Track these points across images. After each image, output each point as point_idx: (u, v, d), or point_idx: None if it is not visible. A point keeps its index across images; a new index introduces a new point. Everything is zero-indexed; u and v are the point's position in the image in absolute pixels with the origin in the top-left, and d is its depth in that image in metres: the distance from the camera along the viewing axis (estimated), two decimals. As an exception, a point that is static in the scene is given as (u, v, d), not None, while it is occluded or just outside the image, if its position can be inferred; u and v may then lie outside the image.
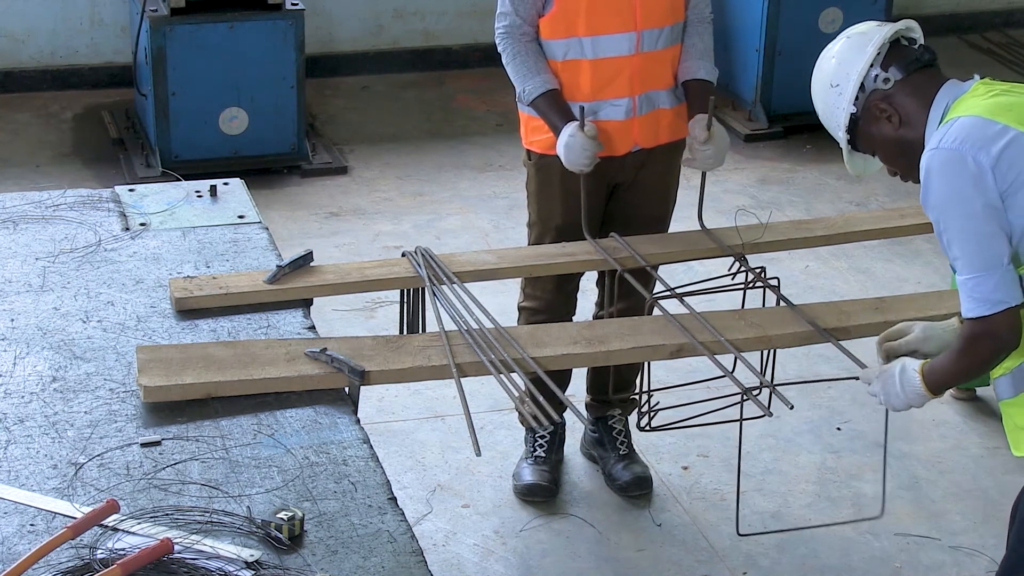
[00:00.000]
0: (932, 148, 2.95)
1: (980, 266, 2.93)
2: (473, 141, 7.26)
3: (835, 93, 3.14)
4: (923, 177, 2.97)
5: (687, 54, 4.17)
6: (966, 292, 2.96)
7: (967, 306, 2.97)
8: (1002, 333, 2.95)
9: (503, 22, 4.13)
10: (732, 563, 4.28)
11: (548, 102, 4.08)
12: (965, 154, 2.91)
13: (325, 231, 6.27)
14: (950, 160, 2.92)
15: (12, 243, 3.83)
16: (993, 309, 2.93)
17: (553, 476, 4.55)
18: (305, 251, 3.72)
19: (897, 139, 3.09)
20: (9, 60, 7.56)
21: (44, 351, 3.32)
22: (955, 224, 2.94)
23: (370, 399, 4.79)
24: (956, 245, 2.95)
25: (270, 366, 3.20)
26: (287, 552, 2.62)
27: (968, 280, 2.95)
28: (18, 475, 2.85)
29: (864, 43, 3.13)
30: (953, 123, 2.96)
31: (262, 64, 6.60)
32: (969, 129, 2.94)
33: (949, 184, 2.93)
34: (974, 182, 2.90)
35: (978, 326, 2.97)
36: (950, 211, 2.94)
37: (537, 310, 4.38)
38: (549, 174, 4.22)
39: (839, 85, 3.13)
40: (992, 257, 2.92)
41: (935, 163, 2.94)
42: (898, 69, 3.09)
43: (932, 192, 2.95)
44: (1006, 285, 2.93)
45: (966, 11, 8.81)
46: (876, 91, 3.09)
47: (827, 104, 3.18)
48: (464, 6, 8.09)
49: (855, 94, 3.10)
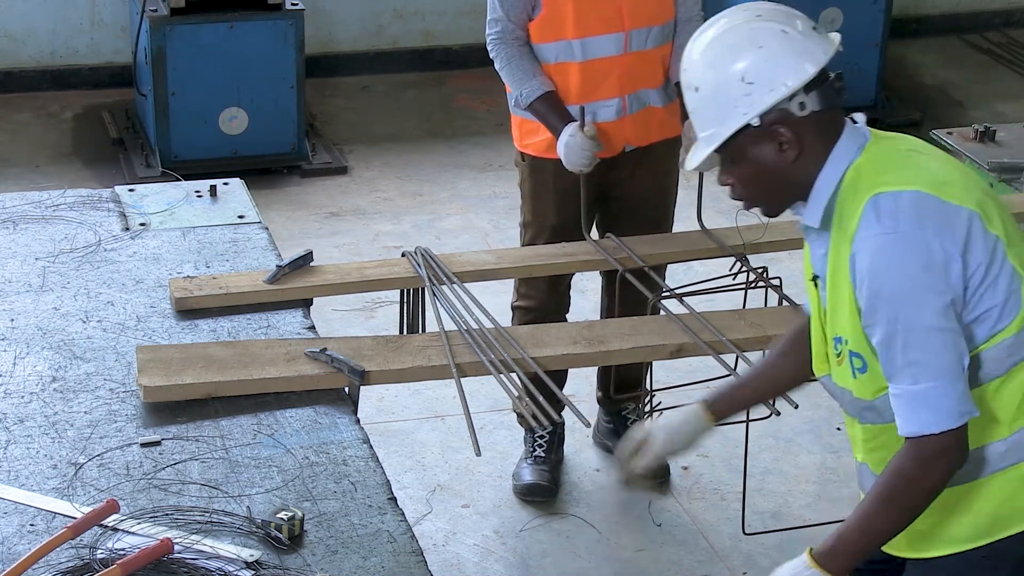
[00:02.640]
0: (882, 232, 2.44)
1: (945, 371, 2.43)
2: (473, 141, 7.26)
3: (741, 88, 2.49)
4: (866, 264, 2.45)
5: (677, 54, 4.17)
6: (924, 404, 2.44)
7: (922, 420, 2.44)
8: (960, 449, 2.47)
9: (495, 28, 4.14)
10: (732, 563, 4.28)
11: (546, 104, 4.09)
12: (929, 240, 2.43)
13: (325, 231, 6.27)
14: (911, 247, 2.43)
15: (12, 243, 3.83)
16: (959, 421, 2.44)
17: (553, 476, 4.55)
18: (305, 251, 3.72)
19: (780, 172, 2.54)
20: (9, 60, 7.56)
21: (44, 351, 3.32)
22: (914, 324, 2.43)
23: (370, 399, 4.79)
24: (914, 349, 2.43)
25: (270, 366, 3.20)
26: (287, 552, 2.62)
27: (930, 389, 2.43)
28: (18, 475, 2.85)
29: (806, 52, 2.50)
30: (896, 200, 2.45)
31: (262, 64, 6.60)
32: (925, 209, 2.45)
33: (909, 277, 2.43)
34: (941, 273, 2.43)
35: (933, 444, 2.45)
36: (908, 309, 2.43)
37: (530, 309, 4.39)
38: (543, 175, 4.24)
39: (753, 84, 2.49)
40: (957, 360, 2.44)
41: (890, 250, 2.43)
42: (819, 98, 2.52)
43: (882, 286, 2.44)
44: (967, 393, 2.46)
45: (966, 11, 8.80)
46: (787, 113, 2.50)
47: (721, 94, 2.52)
48: (464, 6, 8.09)
49: (769, 108, 2.50)
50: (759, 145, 2.52)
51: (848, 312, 2.52)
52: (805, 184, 2.55)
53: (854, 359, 2.54)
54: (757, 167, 2.54)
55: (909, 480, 2.48)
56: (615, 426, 4.67)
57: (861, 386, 2.58)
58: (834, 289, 2.55)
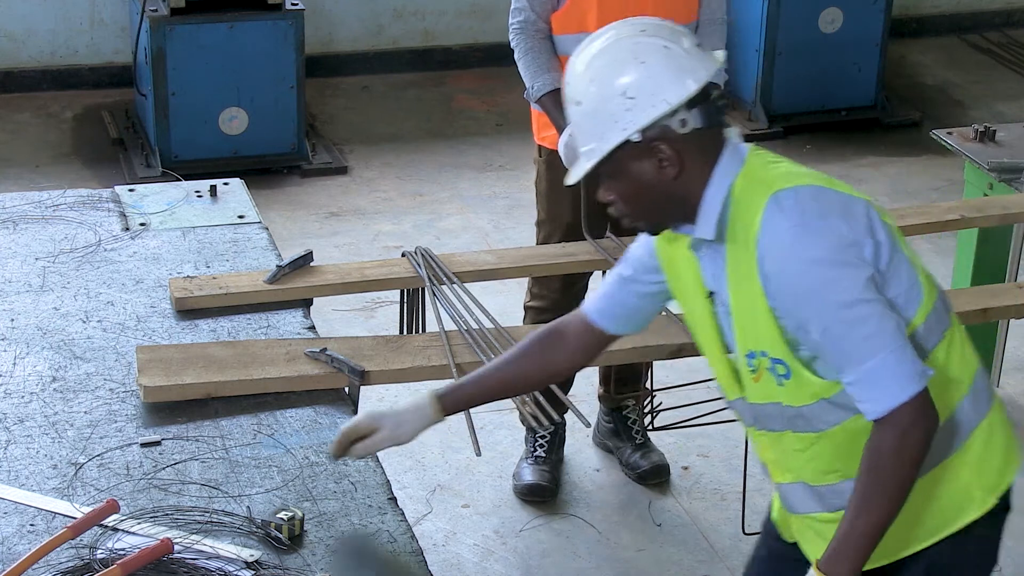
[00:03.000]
0: (790, 225, 2.42)
1: (892, 337, 2.42)
2: (473, 141, 7.26)
3: (622, 105, 2.47)
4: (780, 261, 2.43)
5: None
6: (885, 375, 2.42)
7: (888, 392, 2.42)
8: (931, 408, 2.45)
9: (518, 17, 4.14)
10: (732, 563, 4.28)
11: (553, 100, 4.09)
12: (838, 225, 2.44)
13: (325, 231, 6.27)
14: (823, 234, 2.42)
15: (12, 243, 3.83)
16: (923, 382, 2.43)
17: (553, 476, 4.55)
18: (305, 251, 3.72)
19: (661, 189, 2.51)
20: (9, 60, 7.56)
21: (44, 351, 3.31)
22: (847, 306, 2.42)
23: (370, 399, 4.78)
24: (856, 329, 2.42)
25: (270, 366, 3.20)
26: (287, 552, 2.62)
27: (886, 359, 2.41)
28: (18, 475, 2.85)
29: (688, 69, 2.47)
30: (796, 194, 2.46)
31: (262, 64, 6.60)
32: (825, 199, 2.47)
33: (829, 264, 2.42)
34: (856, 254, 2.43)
35: (906, 413, 2.42)
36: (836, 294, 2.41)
37: (544, 309, 4.38)
38: (558, 171, 4.22)
39: (634, 99, 2.46)
40: (897, 325, 2.43)
41: (803, 241, 2.42)
42: (701, 116, 2.48)
43: (803, 279, 2.42)
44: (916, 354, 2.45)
45: (966, 11, 8.81)
46: (668, 130, 2.47)
47: (603, 108, 2.50)
48: (464, 6, 8.09)
49: (651, 122, 2.46)
50: (640, 161, 2.49)
51: (764, 320, 2.49)
52: (687, 201, 2.53)
53: (777, 366, 2.52)
54: (638, 183, 2.52)
55: (893, 456, 2.44)
56: (615, 426, 4.68)
57: (790, 393, 2.54)
58: (741, 299, 2.52)
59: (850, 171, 7.01)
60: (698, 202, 2.52)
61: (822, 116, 7.44)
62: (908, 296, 2.50)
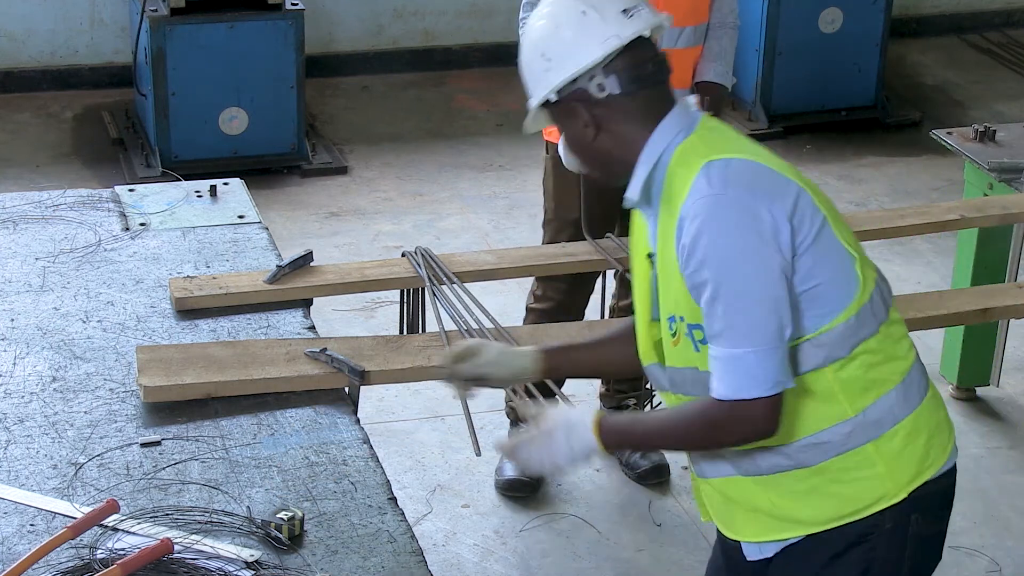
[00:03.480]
0: (711, 193, 2.43)
1: (766, 339, 2.42)
2: (473, 141, 7.26)
3: (542, 65, 2.56)
4: (694, 226, 2.43)
5: (704, 56, 4.18)
6: (739, 368, 2.43)
7: (735, 383, 2.44)
8: (768, 419, 2.47)
9: (527, 12, 4.14)
10: (732, 563, 4.28)
11: None
12: (758, 205, 2.42)
13: (325, 231, 6.27)
14: (740, 209, 2.42)
15: (12, 243, 3.83)
16: (770, 391, 2.44)
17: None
18: (305, 251, 3.72)
19: (584, 147, 2.59)
20: (9, 60, 7.56)
21: (44, 351, 3.31)
22: (739, 287, 2.42)
23: (370, 399, 4.79)
24: (737, 312, 2.42)
25: (270, 366, 3.20)
26: (287, 552, 2.62)
27: (746, 354, 2.42)
28: (18, 475, 2.85)
29: (599, 36, 2.51)
30: (726, 165, 2.46)
31: (262, 64, 6.60)
32: (755, 176, 2.47)
33: (738, 239, 2.41)
34: (770, 238, 2.42)
35: (742, 409, 2.45)
36: (734, 271, 2.41)
37: (548, 311, 4.36)
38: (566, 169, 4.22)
39: (551, 61, 2.54)
40: (780, 329, 2.43)
41: (718, 211, 2.43)
42: (619, 81, 2.52)
43: (710, 246, 2.42)
44: (785, 364, 2.45)
45: (966, 11, 8.81)
46: (585, 92, 2.53)
47: (530, 67, 2.61)
48: (464, 6, 8.09)
49: (562, 85, 2.53)
50: (567, 119, 2.57)
51: (678, 285, 2.50)
52: (619, 162, 2.57)
53: (695, 331, 2.52)
54: (570, 139, 2.60)
55: (710, 429, 2.51)
56: (615, 426, 4.67)
57: (704, 359, 2.53)
58: (664, 264, 2.54)
59: (850, 171, 7.01)
60: (633, 165, 2.55)
61: (822, 116, 7.44)
62: (834, 287, 2.50)
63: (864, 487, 2.58)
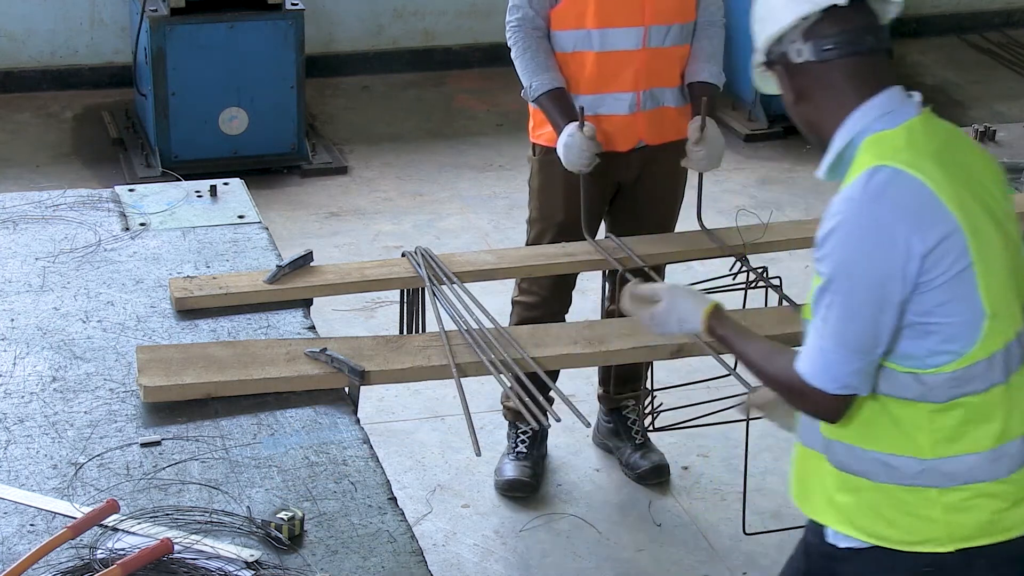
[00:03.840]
0: (859, 200, 2.45)
1: (852, 346, 2.47)
2: (473, 141, 7.26)
3: (757, 26, 2.61)
4: (831, 224, 2.47)
5: (694, 56, 4.18)
6: (821, 360, 2.50)
7: (813, 371, 2.51)
8: (831, 411, 2.53)
9: (516, 15, 4.13)
10: (732, 563, 4.28)
11: (552, 100, 4.08)
12: (897, 229, 2.42)
13: (325, 231, 6.27)
14: (878, 228, 2.43)
15: (12, 243, 3.83)
16: (838, 391, 2.50)
17: (534, 471, 4.55)
18: (305, 251, 3.72)
19: (792, 111, 2.63)
20: (9, 60, 7.56)
21: (44, 351, 3.31)
22: (847, 295, 2.46)
23: (370, 399, 4.78)
24: (837, 315, 2.47)
25: (270, 366, 3.20)
26: (287, 552, 2.62)
27: (831, 352, 2.49)
28: (18, 475, 2.85)
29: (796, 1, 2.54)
30: (892, 177, 2.45)
31: (262, 64, 6.60)
32: (913, 199, 2.44)
33: (864, 254, 2.44)
34: (896, 265, 2.42)
35: (811, 391, 2.52)
36: (849, 280, 2.45)
37: (532, 305, 4.39)
38: (552, 170, 4.23)
39: (761, 22, 2.60)
40: (871, 345, 2.47)
41: (858, 220, 2.45)
42: (814, 49, 2.52)
43: (836, 247, 2.46)
44: (864, 374, 2.50)
45: (966, 11, 8.81)
46: (786, 56, 2.55)
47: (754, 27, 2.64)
48: (464, 6, 8.09)
49: (767, 46, 2.59)
50: (779, 80, 2.61)
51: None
52: (819, 130, 2.59)
53: None
54: (783, 99, 2.63)
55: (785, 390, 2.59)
56: (615, 426, 4.68)
57: None
58: None
59: (850, 171, 7.01)
60: (829, 136, 2.57)
61: (822, 116, 7.43)
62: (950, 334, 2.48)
63: (916, 524, 2.57)
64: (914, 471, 2.54)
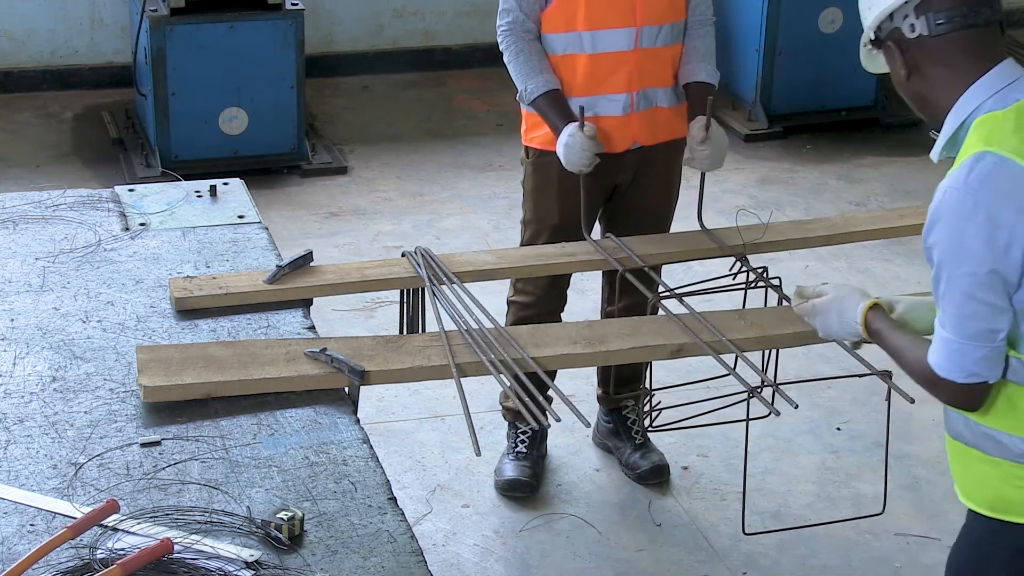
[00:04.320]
0: (963, 188, 2.49)
1: (971, 337, 2.54)
2: (473, 141, 7.26)
3: (865, 3, 2.68)
4: (933, 210, 2.53)
5: (688, 56, 4.17)
6: (946, 351, 2.57)
7: (939, 362, 2.59)
8: (962, 401, 2.62)
9: (506, 18, 4.13)
10: (732, 563, 4.28)
11: (549, 102, 4.08)
12: (1002, 216, 2.45)
13: (325, 231, 6.27)
14: (979, 215, 2.47)
15: (12, 243, 3.83)
16: (967, 380, 2.57)
17: (534, 471, 4.55)
18: (305, 251, 3.72)
19: (903, 87, 2.67)
20: (9, 60, 7.56)
21: (44, 351, 3.31)
22: (955, 281, 2.52)
23: (370, 399, 4.79)
24: (949, 302, 2.54)
25: (270, 366, 3.19)
26: (287, 552, 2.62)
27: (953, 342, 2.55)
28: (18, 475, 2.85)
29: None
30: (997, 165, 2.48)
31: (262, 64, 6.60)
32: (1016, 185, 2.47)
33: (968, 240, 2.48)
34: (1000, 250, 2.47)
35: (943, 382, 2.60)
36: (954, 265, 2.51)
37: (527, 305, 4.39)
38: (547, 172, 4.23)
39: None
40: (985, 332, 2.53)
41: (952, 206, 2.50)
42: (928, 23, 2.56)
43: (942, 233, 2.52)
44: (990, 360, 2.55)
45: (966, 11, 8.80)
46: (899, 31, 2.60)
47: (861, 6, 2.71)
48: (464, 6, 8.09)
49: (878, 22, 2.64)
50: (889, 59, 2.66)
51: None
52: (932, 106, 2.64)
53: None
54: (894, 79, 2.68)
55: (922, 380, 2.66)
56: (615, 426, 4.68)
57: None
58: None
59: (850, 171, 7.02)
60: (944, 115, 2.61)
61: (822, 116, 7.45)
62: None
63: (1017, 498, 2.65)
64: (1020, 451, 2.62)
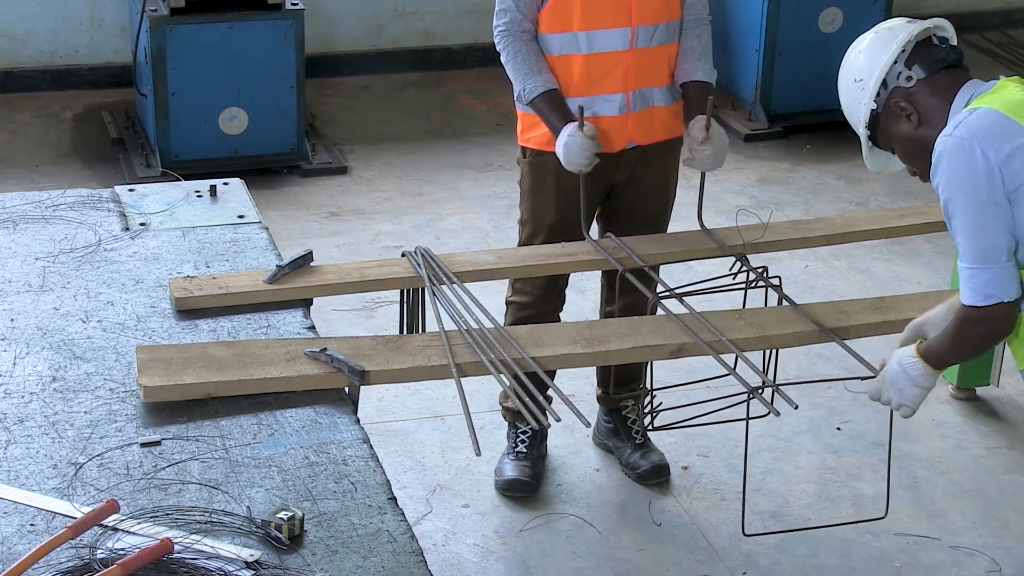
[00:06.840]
0: (946, 134, 2.98)
1: (979, 258, 2.98)
2: (473, 141, 7.26)
3: (858, 88, 3.15)
4: (934, 160, 3.00)
5: (685, 56, 4.17)
6: (964, 279, 3.02)
7: (964, 293, 3.04)
8: (996, 322, 3.03)
9: (503, 19, 4.13)
10: (732, 563, 4.28)
11: (547, 102, 4.08)
12: (975, 147, 2.93)
13: (325, 231, 6.27)
14: (959, 149, 2.95)
15: (12, 243, 3.83)
16: (986, 302, 3.00)
17: (534, 471, 4.55)
18: (305, 251, 3.72)
19: (916, 138, 3.11)
20: (9, 60, 7.56)
21: (44, 351, 3.32)
22: (960, 213, 2.98)
23: (370, 399, 4.79)
24: (960, 233, 3.00)
25: (270, 366, 3.20)
26: (287, 552, 2.62)
27: (966, 269, 3.01)
28: (18, 475, 2.85)
29: (890, 39, 3.12)
30: (971, 112, 2.98)
31: (262, 64, 6.60)
32: (984, 122, 2.96)
33: (956, 173, 2.96)
34: (982, 176, 2.93)
35: (974, 312, 3.03)
36: (955, 198, 2.97)
37: (526, 305, 4.39)
38: (544, 172, 4.23)
39: (862, 80, 3.14)
40: (990, 251, 2.97)
41: (946, 149, 2.97)
42: (922, 68, 3.10)
43: (941, 176, 2.99)
44: (1000, 280, 2.99)
45: (966, 11, 8.80)
46: (898, 88, 3.11)
47: (850, 99, 3.19)
48: (464, 6, 8.09)
49: (876, 90, 3.12)
50: (895, 123, 3.12)
51: None
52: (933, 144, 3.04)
53: None
54: (904, 141, 3.13)
55: (965, 332, 3.08)
56: (615, 426, 4.68)
57: None
58: None
59: (850, 171, 7.02)
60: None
61: (822, 116, 7.43)
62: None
63: None
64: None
